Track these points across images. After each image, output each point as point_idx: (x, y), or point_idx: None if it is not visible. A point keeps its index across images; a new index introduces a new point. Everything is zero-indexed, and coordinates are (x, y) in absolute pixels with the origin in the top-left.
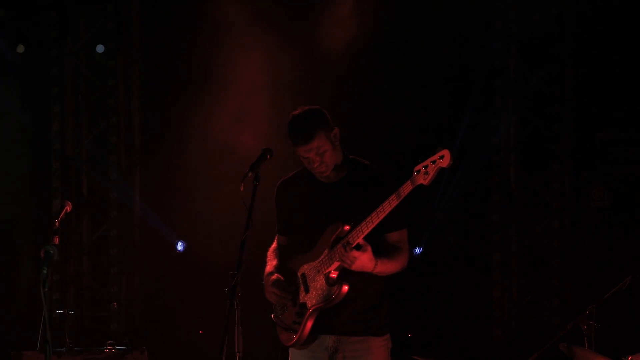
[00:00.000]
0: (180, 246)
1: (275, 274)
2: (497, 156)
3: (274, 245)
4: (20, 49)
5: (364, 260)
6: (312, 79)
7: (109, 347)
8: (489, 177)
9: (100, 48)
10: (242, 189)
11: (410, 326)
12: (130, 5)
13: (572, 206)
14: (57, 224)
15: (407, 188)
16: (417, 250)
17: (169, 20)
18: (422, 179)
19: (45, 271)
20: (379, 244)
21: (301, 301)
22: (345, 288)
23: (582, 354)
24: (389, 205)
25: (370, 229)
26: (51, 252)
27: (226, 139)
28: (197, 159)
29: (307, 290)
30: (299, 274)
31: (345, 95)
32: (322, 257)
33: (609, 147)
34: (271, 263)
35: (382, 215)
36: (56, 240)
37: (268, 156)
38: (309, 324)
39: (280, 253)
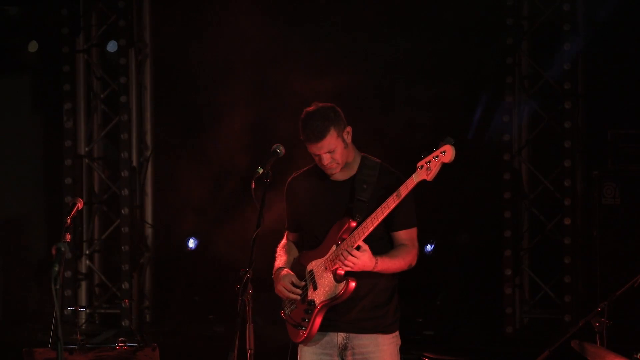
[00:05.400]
0: (191, 243)
1: (285, 269)
2: (509, 153)
3: (284, 241)
4: (33, 46)
5: (364, 261)
6: (323, 76)
7: (120, 344)
8: (500, 174)
9: (112, 47)
10: (253, 186)
11: (421, 323)
12: (141, 2)
13: (584, 203)
14: (68, 221)
15: (410, 184)
16: (429, 247)
17: (180, 17)
18: (425, 175)
19: (56, 268)
20: (385, 242)
21: (309, 298)
22: (352, 285)
23: (594, 351)
24: (393, 201)
25: (375, 225)
26: (63, 249)
27: (238, 135)
28: (209, 156)
29: (315, 287)
30: (307, 271)
31: (356, 92)
32: (329, 253)
33: (620, 144)
34: (281, 258)
35: (386, 212)
36: (68, 237)
37: (279, 153)
38: (318, 320)
39: (290, 249)
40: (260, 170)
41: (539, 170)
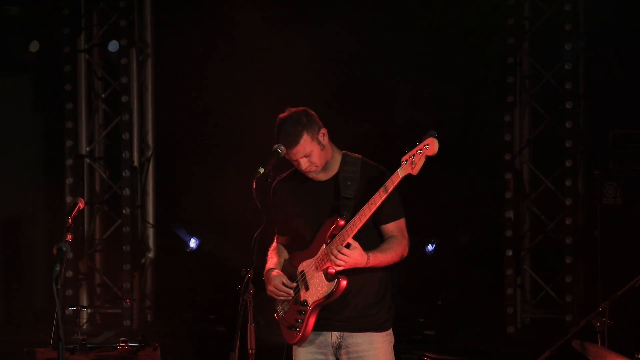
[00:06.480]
0: (193, 243)
1: (275, 270)
2: (510, 153)
3: (274, 244)
4: (35, 46)
5: (355, 258)
6: (326, 77)
7: (121, 344)
8: (501, 173)
9: (113, 46)
10: (254, 185)
11: (423, 323)
12: (143, 2)
13: (585, 203)
14: (69, 221)
15: (395, 179)
16: (430, 247)
17: (182, 16)
18: (410, 169)
19: (57, 268)
20: (375, 236)
21: (302, 299)
22: (344, 283)
23: (595, 350)
24: (380, 197)
25: (363, 222)
26: (64, 249)
27: (240, 135)
28: (210, 155)
29: (307, 287)
30: (298, 272)
31: (359, 92)
32: (319, 253)
33: (622, 144)
34: (272, 260)
35: (373, 208)
36: (69, 237)
37: (280, 153)
38: (311, 320)
39: (280, 251)
40: (262, 170)
41: (540, 170)
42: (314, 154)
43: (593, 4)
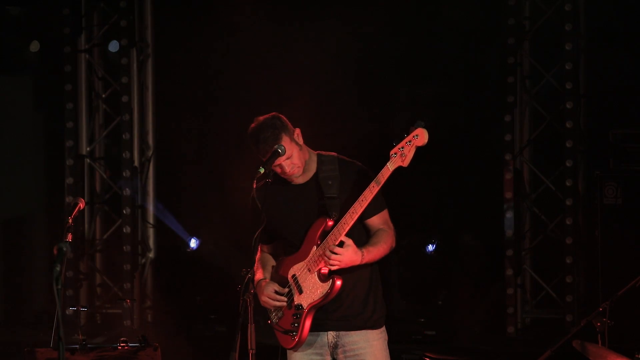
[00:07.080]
0: (193, 243)
1: (265, 280)
2: (510, 153)
3: (259, 254)
4: (35, 46)
5: (349, 256)
6: (326, 77)
7: (122, 344)
8: (502, 173)
9: (114, 46)
10: (254, 185)
11: (423, 323)
12: (143, 2)
13: (585, 203)
14: (70, 221)
15: (386, 173)
16: (430, 247)
17: (182, 17)
18: (400, 161)
19: (57, 268)
20: (360, 231)
21: (296, 303)
22: (339, 282)
23: (596, 351)
24: (370, 192)
25: (355, 219)
26: (64, 249)
27: (240, 135)
28: (211, 155)
29: (300, 291)
30: (289, 277)
31: (359, 93)
32: (310, 255)
33: (622, 144)
34: (259, 271)
35: (365, 204)
36: (69, 237)
37: (280, 153)
38: (307, 323)
39: (267, 260)
40: (262, 171)
41: (540, 170)
42: (294, 155)
43: (593, 4)
